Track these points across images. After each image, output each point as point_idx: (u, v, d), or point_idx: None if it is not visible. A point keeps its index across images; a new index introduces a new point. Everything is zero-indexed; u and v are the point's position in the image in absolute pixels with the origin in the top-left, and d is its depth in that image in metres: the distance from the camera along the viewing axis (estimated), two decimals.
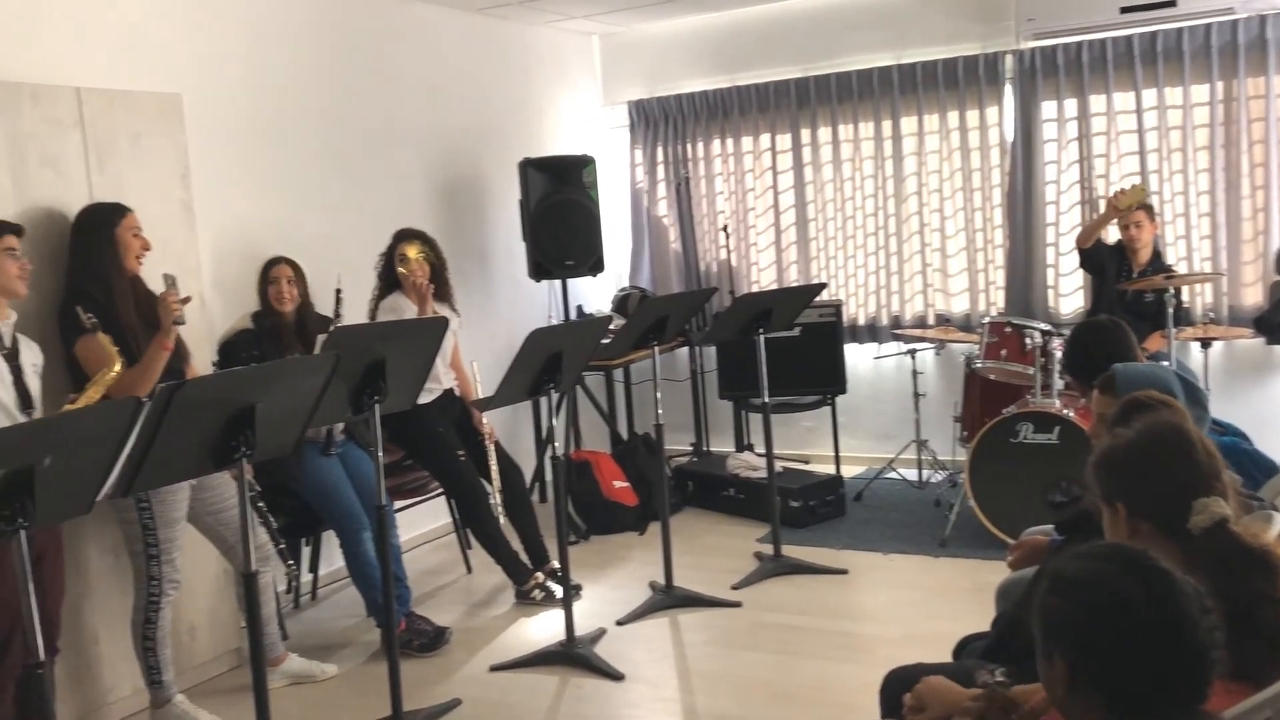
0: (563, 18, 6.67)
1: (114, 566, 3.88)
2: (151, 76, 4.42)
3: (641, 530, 5.74)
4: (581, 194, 6.22)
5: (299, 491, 4.38)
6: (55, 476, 2.33)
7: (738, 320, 4.89)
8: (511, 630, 4.58)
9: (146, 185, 3.99)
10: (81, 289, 3.64)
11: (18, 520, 2.26)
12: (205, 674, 4.20)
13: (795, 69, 6.73)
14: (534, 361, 3.98)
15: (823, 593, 4.71)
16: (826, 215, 6.74)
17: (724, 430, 6.95)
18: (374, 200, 5.59)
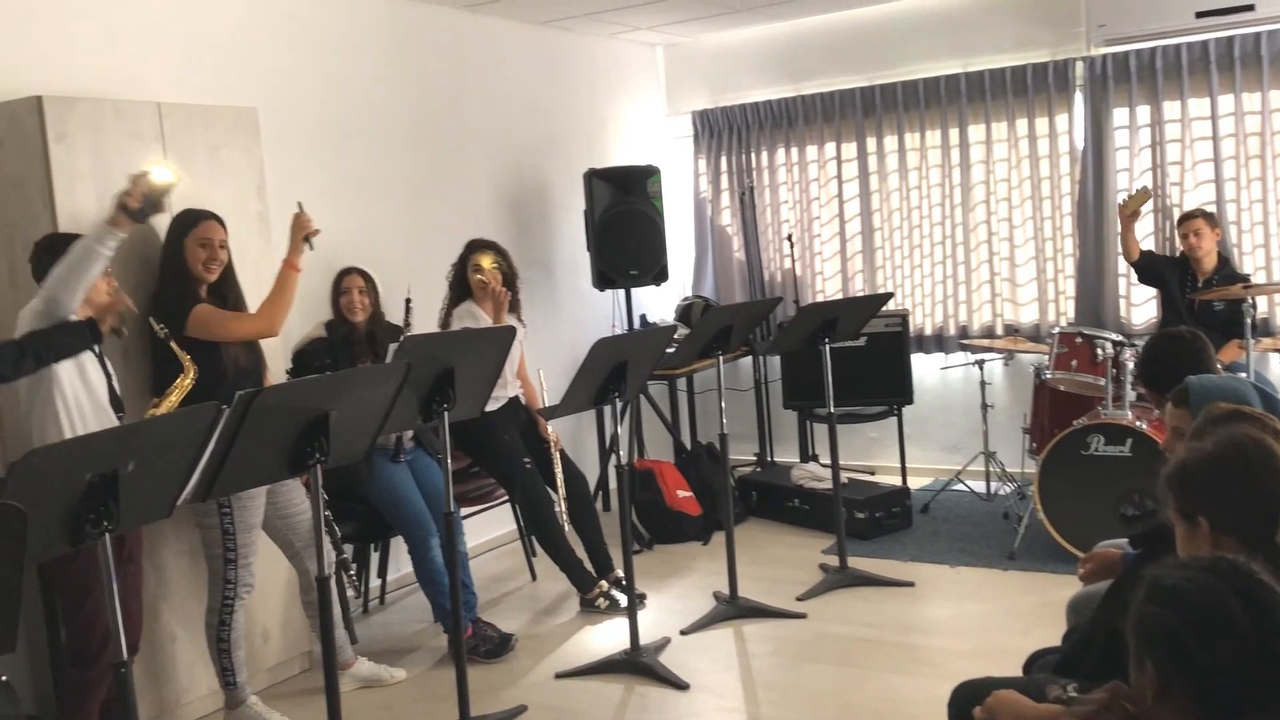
0: (627, 29, 6.72)
1: (190, 569, 3.97)
2: (229, 91, 4.54)
3: (705, 540, 5.74)
4: (646, 204, 6.25)
5: (369, 498, 4.46)
6: (138, 481, 2.40)
7: (803, 330, 4.87)
8: (576, 638, 4.60)
9: (223, 197, 4.09)
10: (160, 295, 3.75)
11: (103, 524, 2.33)
12: (277, 676, 4.29)
13: (861, 78, 6.70)
14: (599, 370, 4.00)
15: (889, 605, 4.67)
16: (892, 224, 6.69)
17: (788, 440, 6.92)
18: (442, 211, 5.67)
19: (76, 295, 3.23)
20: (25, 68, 3.90)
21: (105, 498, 2.32)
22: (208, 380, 3.69)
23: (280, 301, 3.83)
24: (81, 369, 3.33)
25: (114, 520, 2.35)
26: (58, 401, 3.25)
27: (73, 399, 3.28)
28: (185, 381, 3.59)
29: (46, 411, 3.24)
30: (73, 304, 3.24)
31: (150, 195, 3.31)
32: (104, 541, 2.39)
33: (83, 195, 3.70)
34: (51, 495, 2.22)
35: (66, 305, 3.22)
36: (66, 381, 3.27)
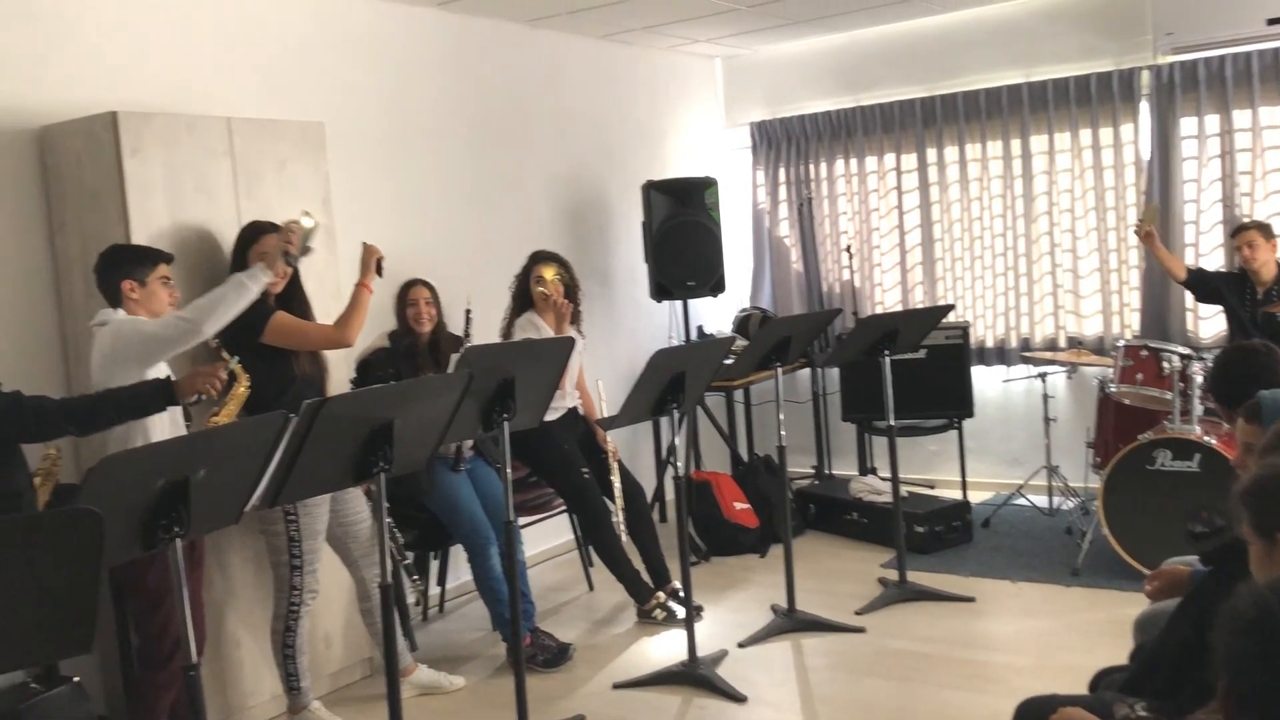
0: (686, 41, 6.74)
1: (256, 576, 4.04)
2: (296, 106, 4.63)
3: (763, 553, 5.71)
4: (703, 215, 6.26)
5: (429, 506, 4.50)
6: (208, 487, 2.45)
7: (863, 341, 4.84)
8: (633, 649, 4.61)
9: (291, 210, 4.14)
10: None
11: (175, 529, 2.38)
12: (339, 682, 4.34)
13: (920, 88, 6.65)
14: (657, 381, 4.01)
15: (949, 620, 4.62)
16: (953, 235, 6.63)
17: (846, 453, 6.88)
18: (501, 223, 5.73)
19: (218, 326, 3.40)
20: (102, 84, 4.01)
21: (177, 503, 2.37)
22: (274, 387, 3.77)
23: (355, 317, 3.94)
24: None
25: (185, 526, 2.40)
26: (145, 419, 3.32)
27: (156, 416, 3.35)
28: (240, 390, 3.66)
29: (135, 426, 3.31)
30: (210, 332, 3.40)
31: (303, 240, 3.59)
32: (175, 546, 2.44)
33: (155, 207, 3.79)
34: (126, 500, 2.27)
35: (205, 333, 3.39)
36: None
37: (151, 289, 3.47)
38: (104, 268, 3.47)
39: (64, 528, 1.85)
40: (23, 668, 3.39)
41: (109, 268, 3.46)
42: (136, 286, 3.44)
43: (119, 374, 3.29)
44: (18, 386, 3.12)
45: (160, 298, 3.49)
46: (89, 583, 1.87)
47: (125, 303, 3.42)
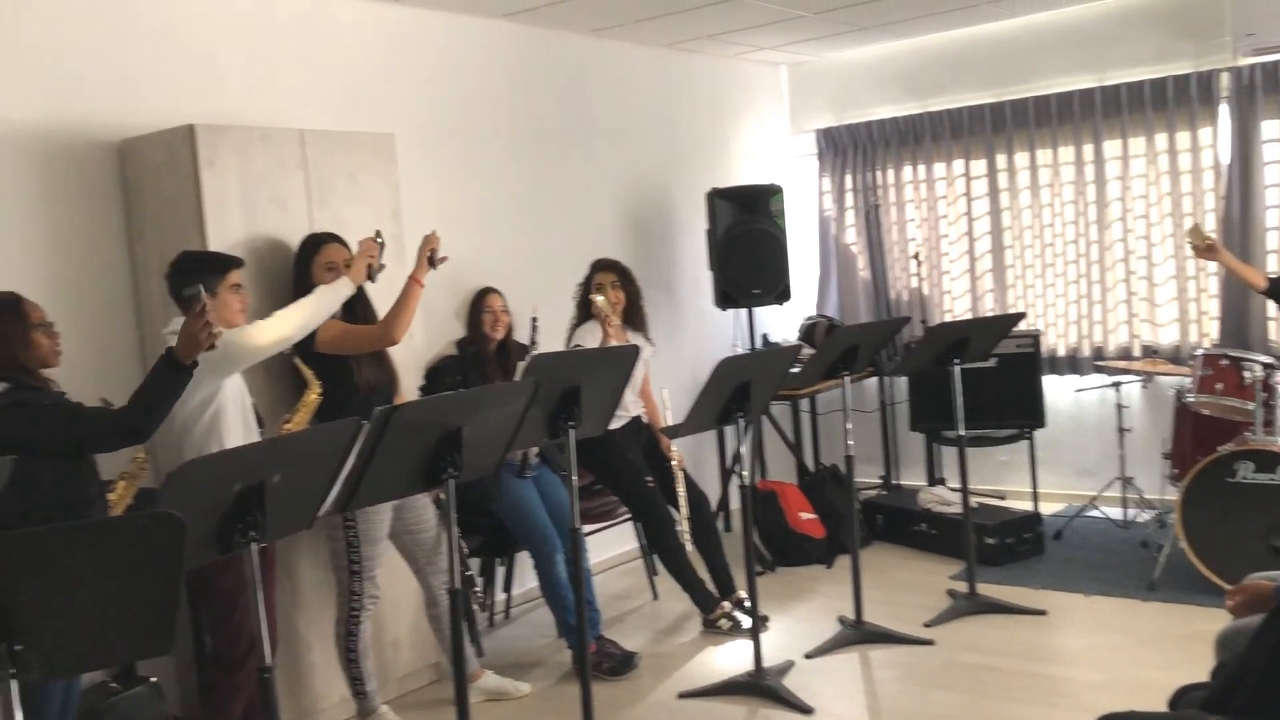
0: (751, 49, 6.73)
1: (325, 580, 4.10)
2: (367, 118, 4.70)
3: (829, 563, 5.67)
4: (769, 223, 6.23)
5: (497, 512, 4.53)
6: (283, 492, 2.49)
7: (932, 350, 4.79)
8: (699, 658, 4.59)
9: (362, 221, 4.23)
10: None
11: (251, 533, 2.42)
12: (407, 686, 4.39)
13: (989, 93, 6.57)
14: (723, 390, 4.00)
15: (1020, 633, 4.54)
16: (1024, 243, 6.53)
17: (914, 463, 6.80)
18: (567, 232, 5.76)
19: (305, 334, 3.59)
20: (179, 98, 4.11)
21: (253, 508, 2.41)
22: (338, 397, 3.81)
23: (401, 312, 3.89)
24: (238, 392, 3.49)
25: (261, 530, 2.44)
26: (223, 423, 3.40)
27: (234, 418, 3.43)
28: (311, 397, 3.71)
29: (211, 431, 3.39)
30: (298, 338, 3.57)
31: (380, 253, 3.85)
32: (250, 550, 2.48)
33: (230, 218, 3.87)
34: (204, 505, 2.32)
35: (293, 341, 3.56)
36: (230, 402, 3.42)
37: (222, 298, 3.47)
38: (174, 276, 3.50)
39: (146, 531, 1.89)
40: (106, 668, 3.48)
41: (179, 277, 3.48)
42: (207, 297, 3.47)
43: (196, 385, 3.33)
44: (99, 394, 3.21)
45: (231, 306, 3.51)
46: (170, 585, 1.91)
47: None
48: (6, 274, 3.60)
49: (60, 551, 1.85)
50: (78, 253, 3.88)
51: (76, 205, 3.88)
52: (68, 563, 1.85)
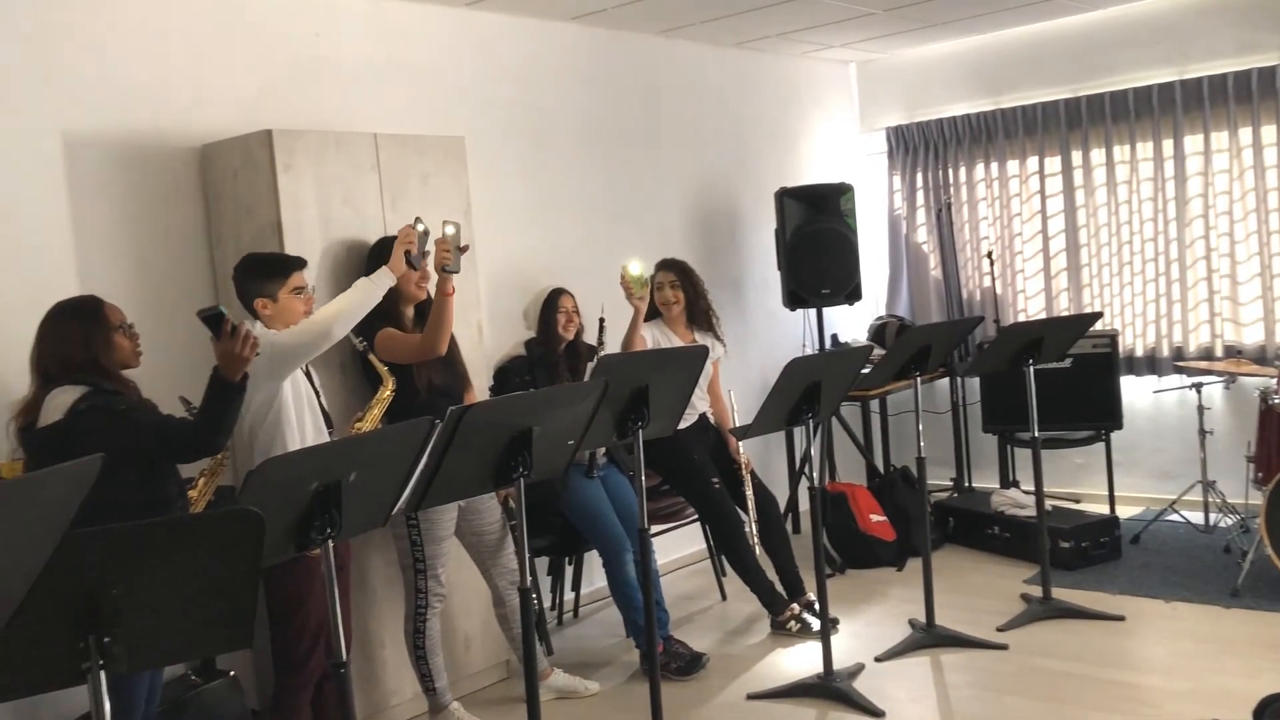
0: (820, 47, 6.68)
1: (397, 578, 4.15)
2: (438, 121, 4.76)
3: (900, 566, 5.60)
4: (839, 222, 6.18)
5: (566, 512, 4.56)
6: (359, 490, 2.53)
7: (1006, 350, 4.71)
8: (767, 660, 4.57)
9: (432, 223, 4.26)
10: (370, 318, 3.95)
11: (327, 530, 2.47)
12: (479, 683, 4.43)
13: (1065, 89, 6.45)
14: (792, 390, 3.98)
15: (1097, 639, 4.45)
16: (1100, 241, 6.40)
17: (986, 465, 6.69)
18: (635, 232, 5.77)
19: (346, 329, 3.50)
20: (257, 104, 4.20)
21: (329, 506, 2.45)
22: (402, 399, 3.85)
23: (435, 326, 3.80)
24: (298, 390, 3.52)
25: (337, 528, 2.48)
26: (285, 423, 3.46)
27: (297, 418, 3.49)
28: (385, 394, 3.76)
29: (276, 432, 3.45)
30: (340, 335, 3.49)
31: (420, 243, 3.68)
32: (327, 548, 2.52)
33: (306, 221, 3.95)
34: (281, 502, 2.37)
35: (338, 338, 3.50)
36: (292, 403, 3.48)
37: (284, 304, 3.51)
38: (237, 281, 3.58)
39: (228, 527, 1.93)
40: (188, 660, 3.57)
41: (241, 283, 3.56)
42: (269, 303, 3.50)
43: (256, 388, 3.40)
44: (180, 395, 3.29)
45: (294, 310, 3.53)
46: (249, 580, 1.95)
47: (261, 318, 3.51)
48: (91, 277, 3.72)
49: (147, 547, 1.90)
50: (160, 255, 3.98)
51: (159, 209, 3.99)
52: (154, 558, 1.90)
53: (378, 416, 3.77)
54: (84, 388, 2.99)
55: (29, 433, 3.01)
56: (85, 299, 3.16)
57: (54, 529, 1.67)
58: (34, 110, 3.68)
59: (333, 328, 3.45)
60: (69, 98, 3.76)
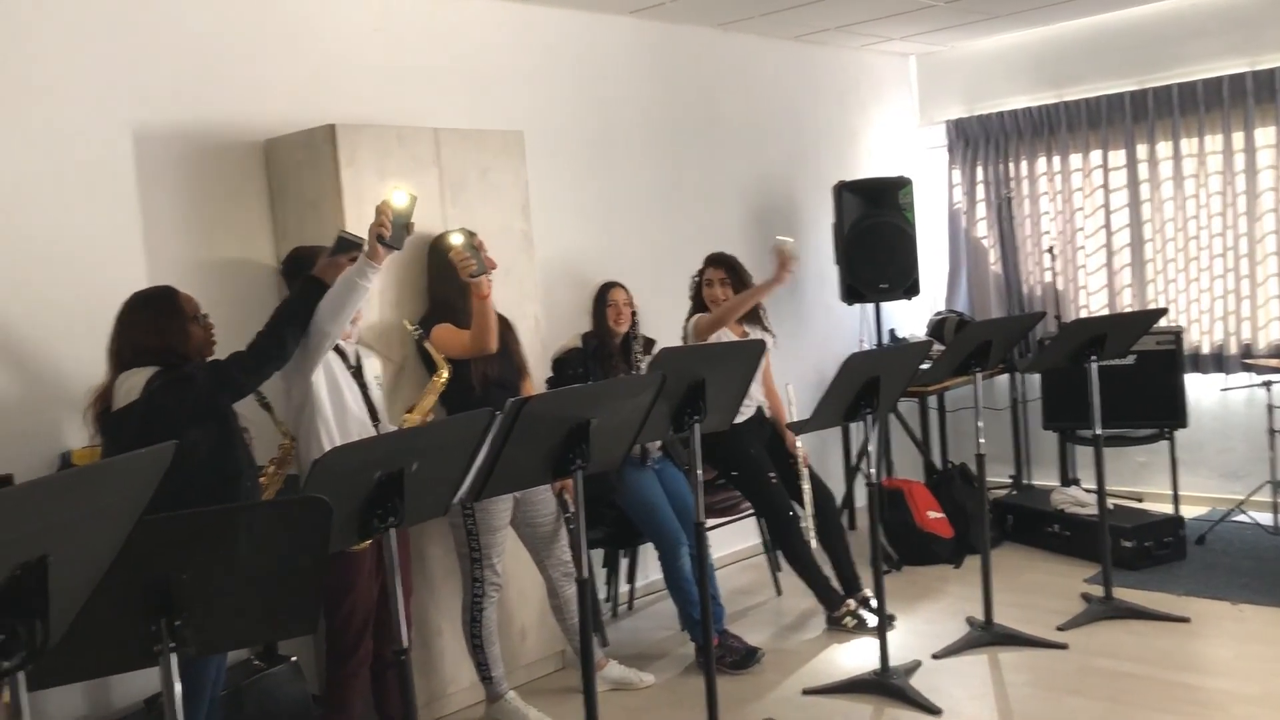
0: (879, 40, 6.62)
1: (454, 567, 4.19)
2: (497, 116, 4.79)
3: (957, 563, 5.55)
4: (897, 216, 6.13)
5: (621, 505, 4.57)
6: (420, 480, 2.56)
7: (1069, 346, 4.64)
8: (823, 656, 4.55)
9: (492, 217, 4.32)
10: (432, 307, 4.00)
11: (390, 519, 2.50)
12: (534, 673, 4.46)
13: (1130, 81, 6.33)
14: (851, 386, 3.95)
15: (1161, 640, 4.37)
16: (1165, 236, 6.28)
17: (1045, 463, 6.61)
18: (692, 226, 5.76)
19: (340, 325, 3.38)
20: (321, 99, 4.26)
21: (392, 495, 2.49)
22: (459, 391, 3.88)
23: (485, 325, 3.81)
24: (335, 385, 3.54)
25: (399, 516, 2.51)
26: (319, 418, 3.49)
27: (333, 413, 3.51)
28: (439, 381, 3.78)
29: (311, 427, 3.50)
30: (336, 334, 3.40)
31: (397, 220, 3.32)
32: (389, 536, 2.56)
33: (369, 215, 3.97)
34: (346, 491, 2.40)
35: (332, 335, 3.39)
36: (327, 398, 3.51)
37: None
38: (286, 274, 3.65)
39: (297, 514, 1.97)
40: (256, 644, 3.64)
41: (290, 276, 3.62)
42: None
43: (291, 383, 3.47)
44: None
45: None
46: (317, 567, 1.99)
47: None
48: (159, 269, 3.80)
49: (218, 532, 1.94)
50: (225, 248, 4.05)
51: (224, 203, 4.06)
52: (225, 543, 1.94)
53: (429, 405, 3.79)
54: (154, 367, 3.06)
55: (105, 418, 3.09)
56: (161, 289, 3.23)
57: (129, 514, 1.71)
58: (106, 106, 3.76)
59: (323, 324, 3.35)
60: (138, 94, 3.84)
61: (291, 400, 3.53)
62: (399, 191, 3.35)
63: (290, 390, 3.51)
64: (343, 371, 3.60)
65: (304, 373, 3.47)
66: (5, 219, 3.52)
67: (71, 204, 3.68)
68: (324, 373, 3.51)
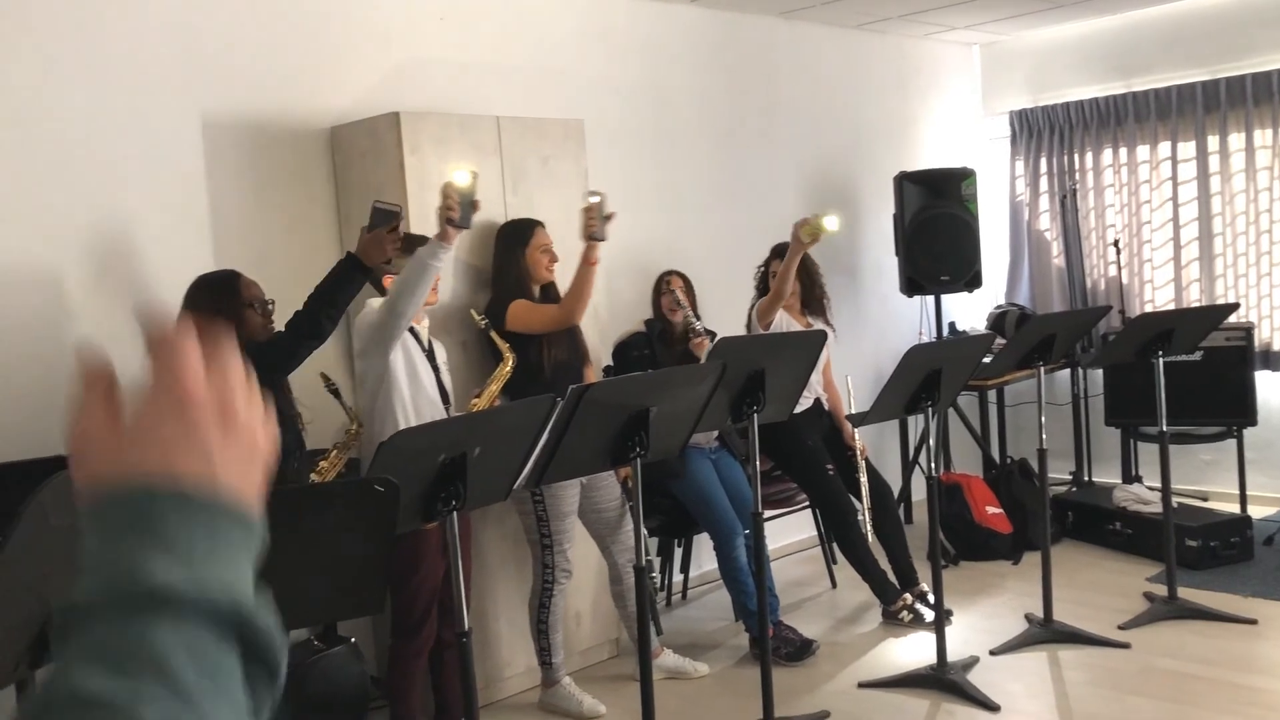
0: (943, 29, 6.54)
1: (513, 552, 4.23)
2: (558, 104, 4.80)
3: (1016, 559, 5.48)
4: (959, 207, 6.05)
5: (677, 494, 4.57)
6: (483, 464, 2.58)
7: (1134, 341, 4.56)
8: (879, 649, 4.53)
9: (552, 205, 4.33)
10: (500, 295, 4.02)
11: (453, 502, 2.52)
12: (588, 660, 4.49)
13: (1202, 71, 6.19)
14: (912, 378, 3.92)
15: (1226, 642, 4.29)
16: (1236, 229, 6.14)
17: (1107, 460, 6.49)
18: (752, 215, 5.73)
19: (414, 305, 3.44)
20: (385, 87, 4.30)
21: (455, 479, 2.51)
22: (527, 373, 3.92)
23: (579, 294, 3.90)
24: (412, 367, 3.60)
25: (461, 500, 2.53)
26: (395, 399, 3.54)
27: (409, 394, 3.56)
28: (504, 370, 3.82)
29: (387, 407, 3.54)
30: (411, 313, 3.45)
31: (463, 199, 3.34)
32: (451, 520, 2.58)
33: (431, 203, 4.00)
34: (411, 473, 2.43)
35: (407, 315, 3.44)
36: (403, 379, 3.56)
37: None
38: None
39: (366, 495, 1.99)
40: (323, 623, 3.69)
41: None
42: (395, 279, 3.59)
43: (370, 364, 3.51)
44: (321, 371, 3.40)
45: None
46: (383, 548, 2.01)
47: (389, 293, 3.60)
48: (226, 254, 3.85)
49: (285, 513, 1.97)
50: (290, 234, 4.11)
51: (290, 189, 4.11)
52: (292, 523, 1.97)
53: (495, 393, 3.82)
54: None
55: None
56: (224, 273, 3.28)
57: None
58: (175, 92, 3.82)
59: (396, 305, 3.41)
60: (207, 81, 3.90)
61: (366, 382, 3.57)
62: (460, 171, 3.38)
63: (366, 371, 3.55)
64: (418, 353, 3.65)
65: (382, 353, 3.52)
66: (80, 205, 3.60)
67: (142, 190, 3.75)
68: (401, 353, 3.56)
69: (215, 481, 0.63)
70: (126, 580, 0.57)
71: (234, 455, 0.65)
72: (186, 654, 0.56)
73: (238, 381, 0.67)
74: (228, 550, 0.62)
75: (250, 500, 0.65)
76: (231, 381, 0.66)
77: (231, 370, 0.66)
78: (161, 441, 0.62)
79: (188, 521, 0.60)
